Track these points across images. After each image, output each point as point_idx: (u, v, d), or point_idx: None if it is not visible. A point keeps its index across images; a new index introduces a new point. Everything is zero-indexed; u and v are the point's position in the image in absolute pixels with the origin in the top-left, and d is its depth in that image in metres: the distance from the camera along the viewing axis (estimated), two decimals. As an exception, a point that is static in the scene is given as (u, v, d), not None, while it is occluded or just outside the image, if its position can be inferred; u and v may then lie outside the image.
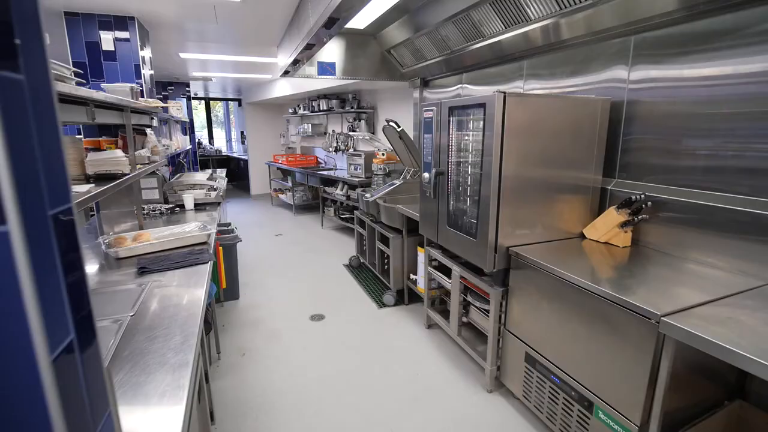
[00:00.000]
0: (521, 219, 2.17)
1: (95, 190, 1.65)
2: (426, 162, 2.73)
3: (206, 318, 2.02)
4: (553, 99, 2.10)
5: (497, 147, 2.01)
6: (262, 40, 4.19)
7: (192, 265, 1.92)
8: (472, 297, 2.53)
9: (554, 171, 2.20)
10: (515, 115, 2.01)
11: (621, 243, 2.15)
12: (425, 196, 2.78)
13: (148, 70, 3.46)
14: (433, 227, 2.75)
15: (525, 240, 2.21)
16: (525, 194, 2.15)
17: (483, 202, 2.13)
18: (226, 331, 3.17)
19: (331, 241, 5.74)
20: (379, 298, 3.72)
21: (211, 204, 3.44)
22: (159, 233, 2.33)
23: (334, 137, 6.94)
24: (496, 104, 1.96)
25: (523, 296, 2.11)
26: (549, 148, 2.15)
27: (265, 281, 4.22)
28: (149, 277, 1.81)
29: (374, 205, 3.77)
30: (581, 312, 1.75)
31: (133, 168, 2.35)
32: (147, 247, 2.11)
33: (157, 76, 6.72)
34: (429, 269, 2.97)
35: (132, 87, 2.51)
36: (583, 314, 1.74)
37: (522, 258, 2.08)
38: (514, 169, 2.08)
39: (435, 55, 3.73)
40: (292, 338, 3.06)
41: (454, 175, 2.49)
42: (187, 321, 1.37)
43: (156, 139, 3.04)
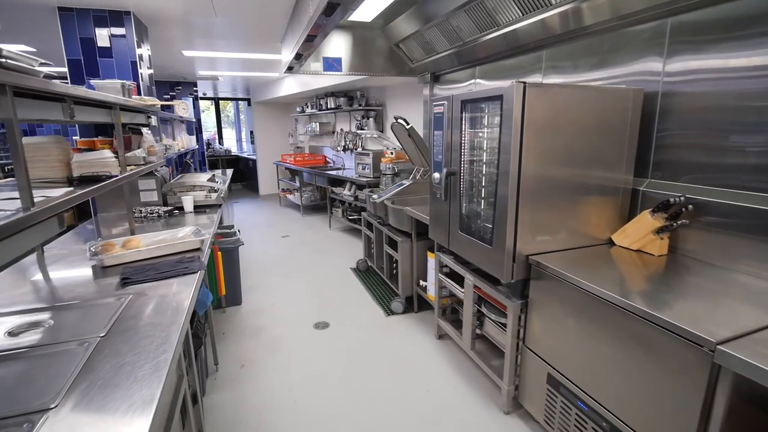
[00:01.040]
0: (542, 224, 1.96)
1: (71, 194, 1.50)
2: (436, 161, 2.53)
3: (196, 332, 1.85)
4: (578, 90, 1.89)
5: (516, 144, 1.81)
6: (264, 36, 4.03)
7: (180, 275, 1.76)
8: (486, 308, 2.32)
9: (579, 170, 1.98)
10: (536, 108, 1.80)
11: (656, 251, 1.92)
12: (435, 198, 2.58)
13: (146, 67, 3.32)
14: (444, 231, 2.54)
15: (546, 247, 2.00)
16: (546, 196, 1.94)
17: (500, 205, 1.93)
18: (226, 340, 3.01)
19: (339, 242, 5.56)
20: (387, 304, 3.53)
21: (211, 206, 3.29)
22: (150, 239, 2.17)
23: (342, 136, 6.77)
24: (515, 96, 1.75)
25: (545, 310, 1.90)
26: (574, 144, 1.93)
27: (270, 285, 4.06)
28: (133, 288, 1.65)
29: (382, 206, 3.58)
30: (615, 332, 1.53)
31: (123, 169, 2.19)
32: (134, 255, 1.95)
33: (164, 75, 6.63)
34: (440, 276, 2.77)
35: (123, 84, 2.36)
36: (617, 335, 1.53)
37: (544, 268, 1.87)
38: (535, 168, 1.87)
39: (446, 47, 3.52)
40: (294, 348, 2.89)
41: (467, 175, 2.29)
42: (162, 344, 1.20)
43: (153, 139, 2.90)
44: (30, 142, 1.92)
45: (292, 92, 6.93)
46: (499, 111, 1.87)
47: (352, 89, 6.26)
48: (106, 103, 2.02)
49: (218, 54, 4.72)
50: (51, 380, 1.01)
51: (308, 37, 2.57)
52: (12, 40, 3.71)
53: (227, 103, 12.53)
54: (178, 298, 1.56)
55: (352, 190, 5.66)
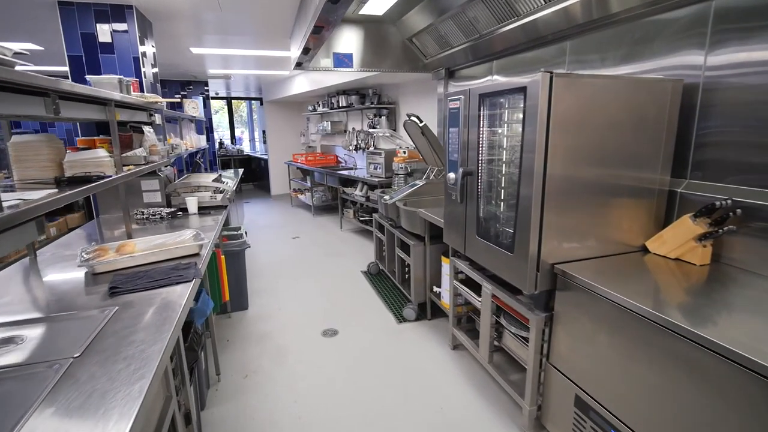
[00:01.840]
0: (569, 229, 1.77)
1: (53, 197, 1.37)
2: (451, 160, 2.36)
3: (191, 345, 1.72)
4: (610, 80, 1.70)
5: (541, 141, 1.63)
6: (272, 31, 3.90)
7: (173, 284, 1.62)
8: (506, 320, 2.14)
9: (611, 170, 1.79)
10: (564, 102, 1.62)
11: (698, 260, 1.72)
12: (450, 200, 2.41)
13: (150, 63, 3.22)
14: (459, 236, 2.37)
15: (573, 255, 1.81)
16: (574, 199, 1.75)
17: (522, 209, 1.75)
18: (230, 347, 2.88)
19: (350, 244, 5.42)
20: (399, 311, 3.37)
21: (216, 207, 3.17)
22: (147, 243, 2.05)
23: (354, 135, 6.63)
24: (540, 88, 1.58)
25: (573, 325, 1.72)
26: (604, 141, 1.74)
27: (278, 288, 3.94)
28: (121, 298, 1.52)
29: (393, 208, 3.42)
30: (655, 353, 1.35)
31: (119, 169, 2.08)
32: (127, 261, 1.83)
33: (174, 74, 6.59)
34: (455, 283, 2.60)
35: (121, 79, 2.24)
36: (657, 356, 1.34)
37: (571, 278, 1.68)
38: (562, 167, 1.69)
39: (461, 41, 3.34)
40: (300, 358, 2.75)
41: (484, 175, 2.11)
42: (141, 368, 1.06)
43: (155, 138, 2.79)
44: (19, 141, 1.81)
45: (303, 90, 6.82)
46: (522, 105, 1.69)
47: (363, 87, 6.11)
48: (99, 99, 1.90)
49: (226, 51, 4.61)
50: (5, 413, 0.88)
51: (315, 29, 2.42)
52: (17, 38, 3.66)
53: (240, 103, 12.53)
54: (168, 309, 1.42)
55: (364, 190, 5.51)
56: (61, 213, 5.84)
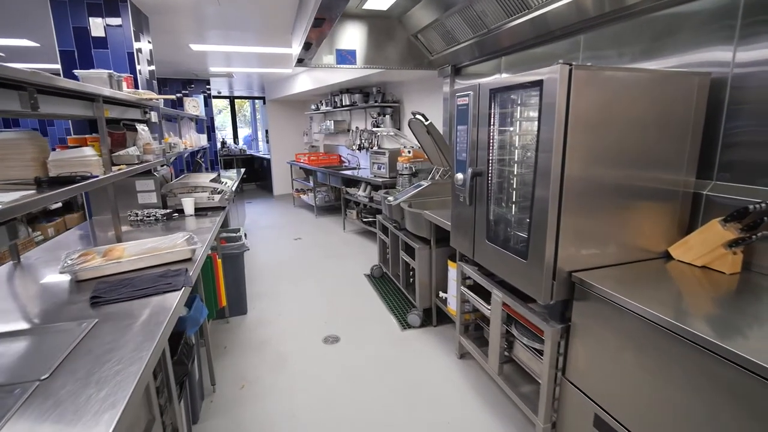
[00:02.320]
0: (588, 234, 1.64)
1: (25, 200, 1.26)
2: (459, 160, 2.23)
3: (180, 359, 1.61)
4: (635, 74, 1.56)
5: (559, 140, 1.50)
6: (273, 27, 3.79)
7: (160, 293, 1.51)
8: (518, 330, 2.01)
9: (632, 171, 1.66)
10: (584, 97, 1.49)
11: (727, 269, 1.58)
12: (458, 202, 2.28)
13: (146, 60, 3.11)
14: (467, 240, 2.24)
15: (592, 262, 1.68)
16: (593, 202, 1.62)
17: (537, 212, 1.62)
18: (227, 354, 2.77)
19: (353, 246, 5.30)
20: (403, 316, 3.24)
21: (214, 209, 3.06)
22: (137, 247, 1.94)
23: (358, 134, 6.51)
24: (558, 82, 1.45)
25: (593, 338, 1.59)
26: (626, 140, 1.61)
27: (279, 292, 3.82)
28: (102, 309, 1.41)
29: (398, 209, 3.29)
30: (686, 372, 1.22)
31: (108, 169, 1.97)
32: (113, 267, 1.72)
33: (175, 72, 6.49)
34: (462, 289, 2.47)
35: (111, 74, 2.13)
36: (689, 375, 1.21)
37: (589, 287, 1.55)
38: (580, 168, 1.56)
39: (468, 36, 3.21)
40: (300, 367, 2.63)
41: (495, 176, 1.99)
42: (114, 394, 0.94)
43: (149, 136, 2.67)
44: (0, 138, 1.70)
45: (306, 89, 6.71)
46: (538, 100, 1.56)
47: (367, 85, 5.99)
48: (85, 95, 1.79)
49: (227, 48, 4.50)
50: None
51: (315, 21, 2.30)
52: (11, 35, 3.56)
53: (244, 102, 12.44)
54: (152, 322, 1.31)
55: (367, 190, 5.39)
56: (60, 213, 5.76)
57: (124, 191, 2.92)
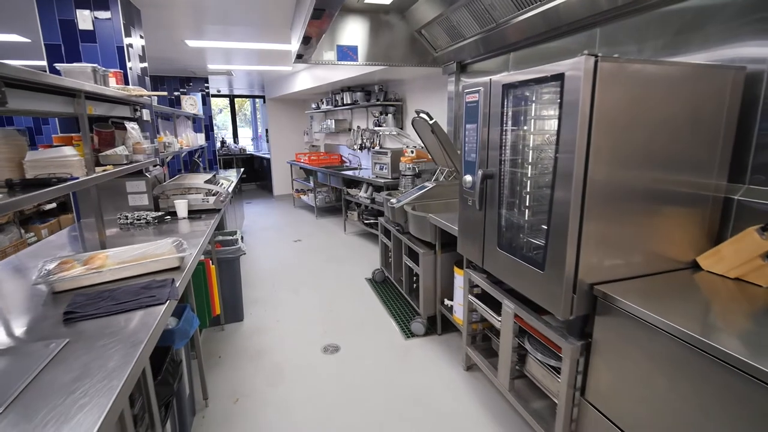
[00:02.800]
0: (612, 243, 1.50)
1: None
2: (468, 161, 2.09)
3: (166, 378, 1.47)
4: (666, 68, 1.42)
5: (582, 140, 1.36)
6: (272, 21, 3.65)
7: (142, 308, 1.37)
8: (531, 344, 1.87)
9: (659, 173, 1.51)
10: (610, 92, 1.35)
11: (765, 282, 1.44)
12: (467, 206, 2.14)
13: (137, 55, 2.97)
14: (476, 247, 2.10)
15: (615, 273, 1.54)
16: (618, 207, 1.48)
17: (556, 219, 1.48)
18: (221, 365, 2.63)
19: (354, 248, 5.16)
20: (407, 324, 3.10)
21: (208, 211, 2.92)
22: (122, 254, 1.80)
23: (359, 134, 6.36)
24: (582, 75, 1.30)
25: (616, 357, 1.44)
26: (654, 140, 1.47)
27: (277, 297, 3.68)
28: (77, 326, 1.27)
29: (401, 212, 3.15)
30: (725, 398, 1.08)
31: (91, 170, 1.83)
32: (93, 277, 1.58)
33: (172, 70, 6.35)
34: (470, 298, 2.33)
35: (95, 68, 2.00)
36: (728, 402, 1.07)
37: (612, 301, 1.41)
38: (605, 170, 1.42)
39: (475, 31, 3.07)
40: (298, 378, 2.49)
41: (508, 178, 1.84)
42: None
43: (139, 135, 2.54)
44: (-30, 137, 1.57)
45: (306, 87, 6.57)
46: (557, 96, 1.42)
47: (369, 83, 5.85)
48: (64, 90, 1.65)
49: (224, 44, 4.36)
50: None
51: (315, 12, 2.16)
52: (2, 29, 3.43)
53: (244, 101, 12.30)
54: (131, 341, 1.17)
55: (369, 191, 5.25)
56: (55, 214, 5.63)
57: (115, 192, 2.79)
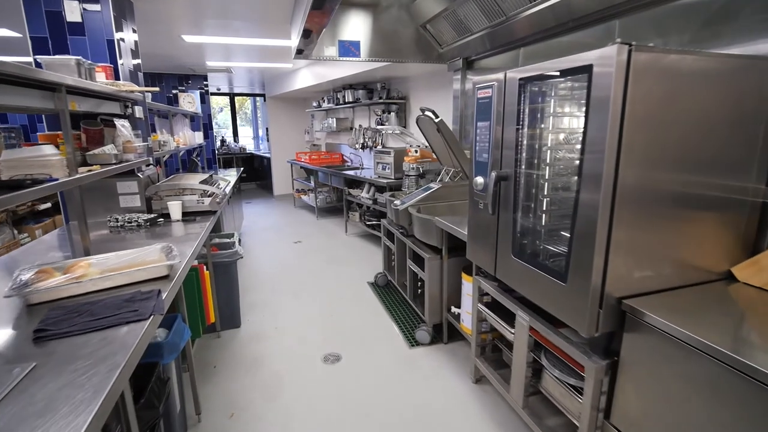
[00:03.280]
0: (642, 252, 1.36)
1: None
2: (479, 161, 1.95)
3: (150, 400, 1.34)
4: (706, 59, 1.28)
5: (613, 139, 1.22)
6: (271, 15, 3.51)
7: (123, 324, 1.23)
8: (548, 359, 1.73)
9: (694, 176, 1.38)
10: (644, 86, 1.21)
11: (814, 296, 1.31)
12: (477, 209, 2.00)
13: (130, 49, 2.84)
14: (488, 254, 1.96)
15: (645, 286, 1.40)
16: (649, 213, 1.34)
17: (582, 226, 1.34)
18: (216, 376, 2.50)
19: (356, 250, 5.02)
20: (411, 331, 2.96)
21: (203, 213, 2.78)
22: (107, 262, 1.66)
23: (361, 132, 6.23)
24: (614, 68, 1.17)
25: (646, 379, 1.31)
26: (689, 139, 1.33)
27: (275, 302, 3.55)
28: (48, 346, 1.14)
29: (405, 214, 3.02)
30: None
31: (73, 170, 1.69)
32: (72, 288, 1.44)
33: (171, 67, 6.22)
34: (479, 307, 2.19)
35: (79, 61, 1.86)
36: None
37: (642, 316, 1.27)
38: (637, 173, 1.28)
39: (483, 25, 2.93)
40: (297, 390, 2.35)
41: (523, 180, 1.70)
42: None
43: (130, 133, 2.40)
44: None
45: (307, 85, 6.42)
46: (584, 91, 1.28)
47: (371, 80, 5.70)
48: (41, 83, 1.52)
49: (222, 39, 4.22)
50: None
51: (315, 3, 2.02)
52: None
53: (245, 100, 12.16)
54: (107, 365, 1.04)
55: (371, 192, 5.11)
56: (50, 213, 5.50)
57: (105, 193, 2.65)
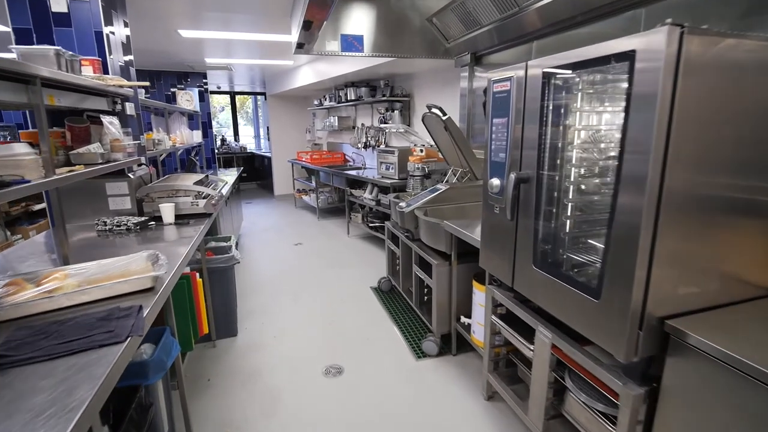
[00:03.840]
0: (688, 265, 1.20)
1: None
2: (495, 162, 1.79)
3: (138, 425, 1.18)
4: (765, 44, 1.12)
5: (660, 137, 1.05)
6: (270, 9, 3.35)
7: (94, 348, 1.08)
8: (573, 381, 1.57)
9: (748, 180, 1.21)
10: (697, 77, 1.04)
11: None
12: (492, 214, 1.84)
13: (120, 43, 2.68)
14: (505, 263, 1.80)
15: (689, 303, 1.23)
16: (697, 221, 1.18)
17: (620, 236, 1.17)
18: (211, 390, 2.34)
19: (358, 253, 4.86)
20: (417, 341, 2.80)
21: (198, 216, 2.63)
22: (86, 272, 1.50)
23: (364, 131, 6.07)
24: (664, 54, 1.00)
25: (694, 410, 1.14)
26: (744, 138, 1.16)
27: (275, 309, 3.39)
28: (6, 375, 0.98)
29: (411, 217, 2.85)
30: None
31: (50, 171, 1.54)
32: (44, 304, 1.29)
33: (168, 65, 6.06)
34: (493, 319, 2.03)
35: (58, 51, 1.70)
36: None
37: (689, 340, 1.11)
38: (686, 176, 1.11)
39: (493, 18, 2.77)
40: (296, 407, 2.20)
41: (546, 183, 1.54)
42: None
43: (119, 131, 2.25)
44: None
45: (308, 82, 6.26)
46: (623, 83, 1.12)
47: (374, 78, 5.54)
48: (12, 74, 1.36)
49: (220, 34, 4.07)
50: None
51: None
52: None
53: (246, 98, 12.00)
54: (65, 407, 0.87)
55: (374, 193, 4.94)
56: (44, 214, 5.35)
57: (93, 195, 2.50)
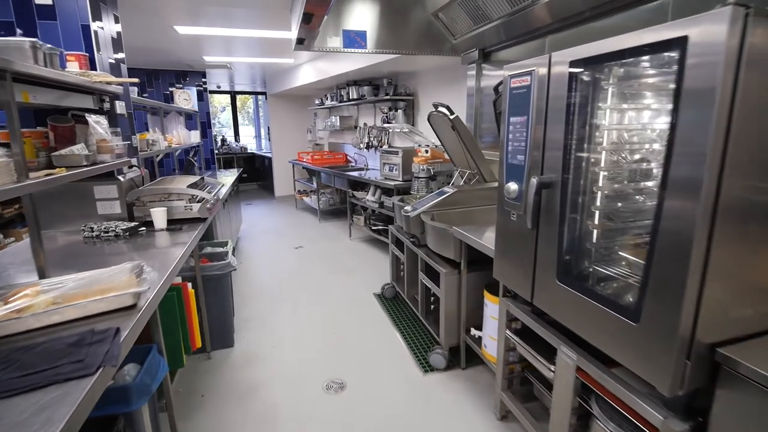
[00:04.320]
0: (746, 284, 1.05)
1: None
2: (512, 164, 1.64)
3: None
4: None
5: (718, 138, 0.90)
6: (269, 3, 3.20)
7: (59, 382, 0.93)
8: (601, 408, 1.42)
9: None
10: (761, 68, 0.89)
11: None
12: (509, 221, 1.69)
13: (110, 38, 2.53)
14: (523, 276, 1.65)
15: (741, 328, 1.08)
16: (755, 234, 1.02)
17: (666, 251, 1.02)
18: (204, 407, 2.19)
19: (361, 257, 4.71)
20: (424, 354, 2.65)
21: (192, 221, 2.48)
22: (62, 287, 1.36)
23: (366, 131, 5.92)
24: (724, 41, 0.85)
25: (754, 456, 0.99)
26: (807, 138, 1.01)
27: (273, 317, 3.24)
28: (-47, 418, 0.83)
29: (417, 222, 2.70)
30: None
31: (23, 176, 1.39)
32: (11, 325, 1.14)
33: (166, 63, 5.93)
34: (507, 334, 1.88)
35: (35, 44, 1.55)
36: None
37: (741, 369, 0.96)
38: (748, 182, 0.96)
39: (504, 12, 2.63)
40: (295, 425, 2.05)
41: (573, 188, 1.39)
42: None
43: (106, 131, 2.10)
44: None
45: (309, 81, 6.12)
46: (671, 75, 0.97)
47: (377, 76, 5.39)
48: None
49: (217, 31, 3.92)
50: None
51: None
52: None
53: (248, 98, 11.87)
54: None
55: (377, 195, 4.79)
56: (38, 217, 5.22)
57: (81, 198, 2.36)
